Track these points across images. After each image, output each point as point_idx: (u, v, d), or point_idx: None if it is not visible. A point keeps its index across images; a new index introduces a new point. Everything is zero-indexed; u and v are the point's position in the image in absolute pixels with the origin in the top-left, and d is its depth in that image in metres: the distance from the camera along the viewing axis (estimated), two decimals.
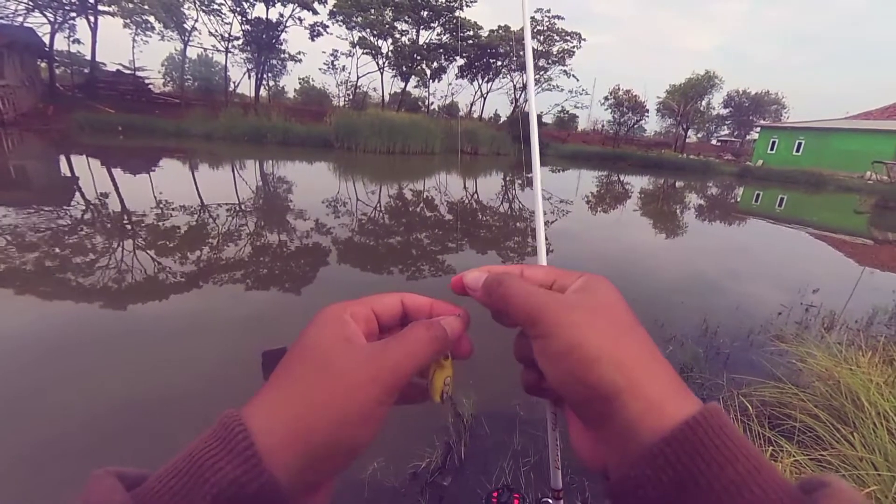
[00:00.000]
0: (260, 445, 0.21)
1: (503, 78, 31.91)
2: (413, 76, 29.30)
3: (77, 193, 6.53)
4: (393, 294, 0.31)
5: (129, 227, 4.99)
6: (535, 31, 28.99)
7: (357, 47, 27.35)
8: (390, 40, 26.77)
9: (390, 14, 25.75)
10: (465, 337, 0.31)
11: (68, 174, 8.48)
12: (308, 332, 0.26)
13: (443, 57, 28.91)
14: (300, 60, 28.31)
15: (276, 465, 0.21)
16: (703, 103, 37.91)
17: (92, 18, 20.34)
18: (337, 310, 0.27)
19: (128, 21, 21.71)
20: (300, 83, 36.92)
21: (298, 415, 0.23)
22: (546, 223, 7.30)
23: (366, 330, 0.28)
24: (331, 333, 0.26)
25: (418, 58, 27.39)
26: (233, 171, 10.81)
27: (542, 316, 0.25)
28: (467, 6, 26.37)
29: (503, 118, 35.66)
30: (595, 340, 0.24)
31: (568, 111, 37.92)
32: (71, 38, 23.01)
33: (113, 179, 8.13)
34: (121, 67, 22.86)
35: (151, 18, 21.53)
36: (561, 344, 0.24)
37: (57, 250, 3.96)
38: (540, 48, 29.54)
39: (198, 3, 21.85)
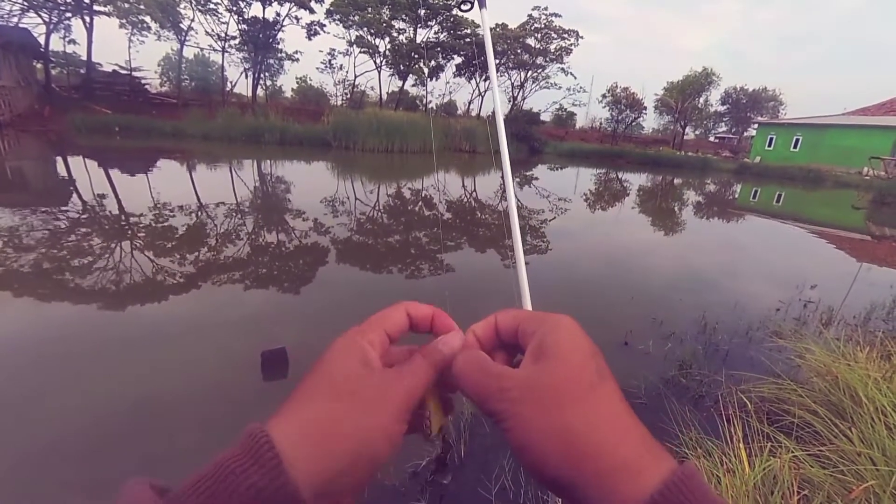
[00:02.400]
0: (285, 457, 0.22)
1: (501, 76, 31.83)
2: (411, 75, 29.23)
3: (74, 195, 6.51)
4: (398, 307, 0.32)
5: (126, 228, 4.98)
6: (532, 28, 28.95)
7: (354, 46, 27.29)
8: (388, 39, 26.70)
9: (387, 13, 25.68)
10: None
11: (65, 175, 8.45)
12: (331, 359, 0.28)
13: (440, 55, 28.83)
14: (297, 60, 28.17)
15: (300, 477, 0.22)
16: (701, 100, 37.88)
17: (87, 19, 20.21)
18: (356, 337, 0.29)
19: (124, 21, 21.54)
20: (297, 82, 36.70)
21: (321, 429, 0.24)
22: (545, 221, 7.31)
23: (380, 351, 0.30)
24: (353, 361, 0.28)
25: (416, 56, 27.31)
26: (230, 171, 10.78)
27: (492, 411, 0.26)
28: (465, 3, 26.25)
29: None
30: (540, 437, 0.24)
31: (566, 109, 37.91)
32: (67, 39, 22.84)
33: (110, 180, 8.10)
34: (117, 68, 22.69)
35: (147, 18, 21.37)
36: (513, 441, 0.25)
37: (54, 252, 3.95)
38: (537, 46, 29.50)
39: (194, 2, 21.74)
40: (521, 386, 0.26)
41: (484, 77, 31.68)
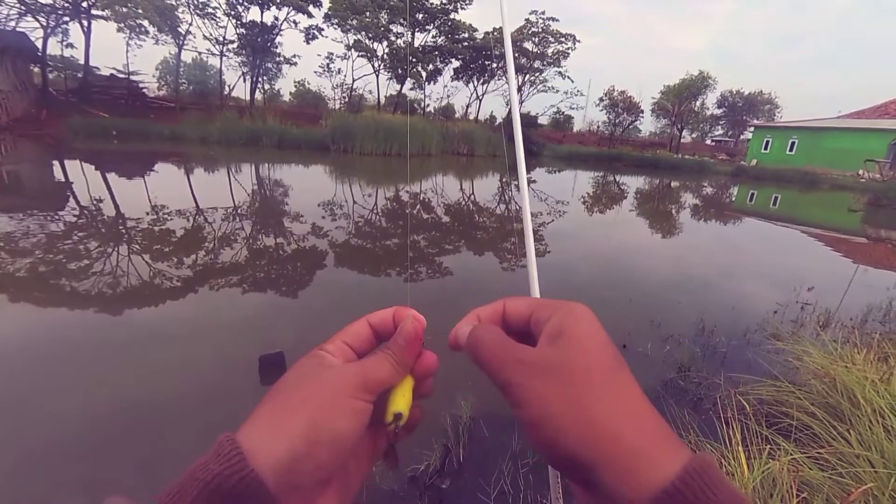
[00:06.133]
0: (244, 447, 0.23)
1: (498, 80, 31.97)
2: (409, 78, 29.31)
3: (71, 198, 6.49)
4: (358, 320, 0.33)
5: (124, 231, 4.96)
6: (529, 32, 29.07)
7: (352, 50, 27.37)
8: (385, 43, 26.79)
9: (385, 17, 25.77)
10: (426, 352, 0.33)
11: (62, 179, 8.42)
12: (289, 370, 0.29)
13: (438, 59, 28.94)
14: (295, 63, 28.19)
15: (259, 463, 0.23)
16: (698, 103, 38.09)
17: (85, 23, 20.23)
18: (312, 351, 0.31)
19: (121, 25, 21.56)
20: (296, 86, 36.69)
21: (276, 414, 0.26)
22: (543, 224, 7.31)
23: (341, 360, 0.30)
24: (307, 364, 0.29)
25: (413, 60, 27.41)
26: (228, 174, 10.77)
27: (508, 382, 0.26)
28: (462, 8, 26.43)
29: (499, 120, 35.77)
30: (559, 414, 0.24)
31: (563, 112, 38.08)
32: (64, 43, 22.83)
33: (107, 184, 8.08)
34: (115, 72, 22.67)
35: (145, 22, 21.37)
36: (528, 416, 0.25)
37: (51, 256, 3.93)
38: (535, 50, 29.63)
39: (192, 6, 21.79)
40: (541, 362, 0.26)
41: (482, 80, 31.81)
